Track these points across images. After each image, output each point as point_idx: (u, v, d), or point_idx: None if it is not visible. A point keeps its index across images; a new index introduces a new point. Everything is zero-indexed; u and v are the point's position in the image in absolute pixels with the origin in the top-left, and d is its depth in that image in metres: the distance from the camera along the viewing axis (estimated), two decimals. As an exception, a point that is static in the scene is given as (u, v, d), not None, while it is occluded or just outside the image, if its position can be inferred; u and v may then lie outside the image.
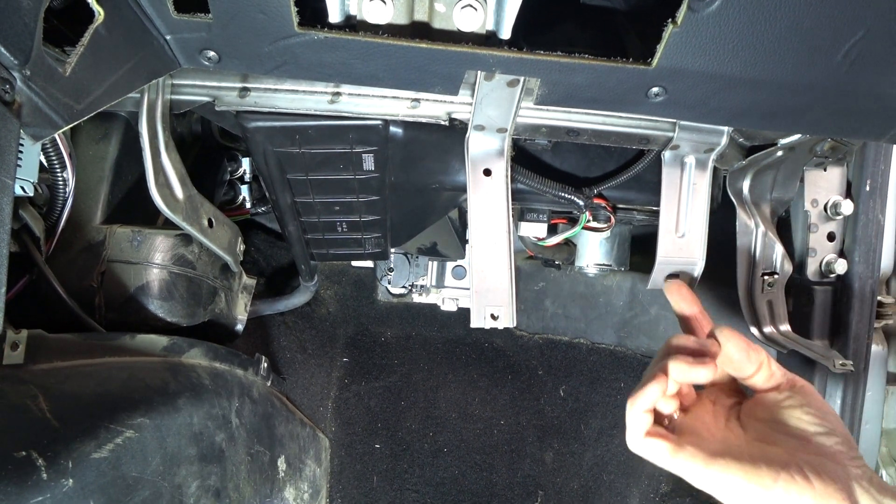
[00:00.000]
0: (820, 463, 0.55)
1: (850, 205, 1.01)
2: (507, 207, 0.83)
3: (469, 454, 1.43)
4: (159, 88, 0.75)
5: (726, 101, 0.64)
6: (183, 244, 0.89)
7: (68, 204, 0.82)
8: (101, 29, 0.52)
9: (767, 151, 0.88)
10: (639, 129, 0.83)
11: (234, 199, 1.22)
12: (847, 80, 0.59)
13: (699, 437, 0.62)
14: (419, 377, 1.49)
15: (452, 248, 1.28)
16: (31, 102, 0.50)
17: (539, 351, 1.54)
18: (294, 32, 0.56)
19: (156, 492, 0.70)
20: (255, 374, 1.04)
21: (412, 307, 1.55)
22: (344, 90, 0.78)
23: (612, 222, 1.00)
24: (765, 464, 0.56)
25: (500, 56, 0.58)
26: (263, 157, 0.84)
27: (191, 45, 0.60)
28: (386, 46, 0.58)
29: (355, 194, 0.92)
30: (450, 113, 0.80)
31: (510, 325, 0.82)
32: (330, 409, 1.42)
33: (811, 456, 0.56)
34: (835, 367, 0.91)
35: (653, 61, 0.57)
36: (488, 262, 0.82)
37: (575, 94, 0.66)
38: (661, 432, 0.62)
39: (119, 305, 0.85)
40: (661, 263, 0.88)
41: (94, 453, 0.63)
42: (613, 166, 0.96)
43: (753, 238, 0.98)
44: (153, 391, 0.76)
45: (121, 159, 0.92)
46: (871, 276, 1.03)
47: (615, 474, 1.44)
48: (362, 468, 1.39)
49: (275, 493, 1.03)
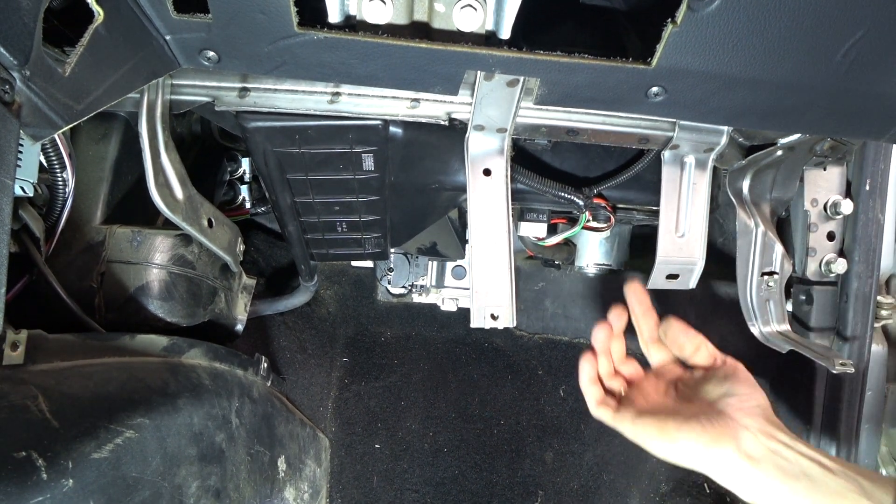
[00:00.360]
0: (717, 418, 0.72)
1: (850, 204, 1.01)
2: (506, 207, 0.83)
3: (469, 454, 1.43)
4: (159, 89, 0.75)
5: (726, 101, 0.64)
6: (183, 244, 0.89)
7: (68, 204, 0.81)
8: (100, 29, 0.52)
9: (767, 151, 0.88)
10: (638, 128, 0.83)
11: (234, 199, 1.22)
12: (846, 79, 0.59)
13: (636, 403, 0.82)
14: (419, 377, 1.49)
15: (452, 248, 1.28)
16: (30, 103, 0.50)
17: (539, 351, 1.54)
18: (294, 32, 0.56)
19: (156, 492, 0.70)
20: (255, 375, 1.04)
21: (412, 307, 1.55)
22: (344, 90, 0.78)
23: (612, 222, 1.00)
24: (673, 418, 0.74)
25: (499, 56, 0.58)
26: (263, 158, 0.84)
27: (190, 46, 0.60)
28: (385, 46, 0.58)
29: (355, 194, 0.92)
30: (449, 113, 0.80)
31: (510, 325, 0.82)
32: (330, 409, 1.42)
33: (712, 413, 0.73)
34: (835, 367, 0.91)
35: (652, 61, 0.57)
36: (488, 262, 0.82)
37: (574, 94, 0.66)
38: (607, 402, 0.85)
39: (119, 306, 0.85)
40: (661, 263, 0.88)
41: (94, 453, 0.63)
42: (613, 166, 0.96)
43: (753, 237, 0.98)
44: (153, 391, 0.76)
45: (120, 159, 0.92)
46: (871, 275, 1.03)
47: (615, 474, 1.44)
48: (362, 468, 1.39)
49: (275, 493, 1.03)
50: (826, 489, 0.66)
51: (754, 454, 0.69)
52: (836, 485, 0.66)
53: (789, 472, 0.68)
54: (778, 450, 0.70)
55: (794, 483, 0.67)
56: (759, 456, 0.69)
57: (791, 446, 0.70)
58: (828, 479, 0.66)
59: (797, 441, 0.70)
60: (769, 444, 0.70)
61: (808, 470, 0.67)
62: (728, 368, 0.79)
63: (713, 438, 0.71)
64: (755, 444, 0.70)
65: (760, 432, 0.71)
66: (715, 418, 0.72)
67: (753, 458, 0.69)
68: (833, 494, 0.65)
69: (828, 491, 0.66)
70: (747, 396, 0.74)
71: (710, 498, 1.37)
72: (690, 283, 0.93)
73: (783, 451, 0.69)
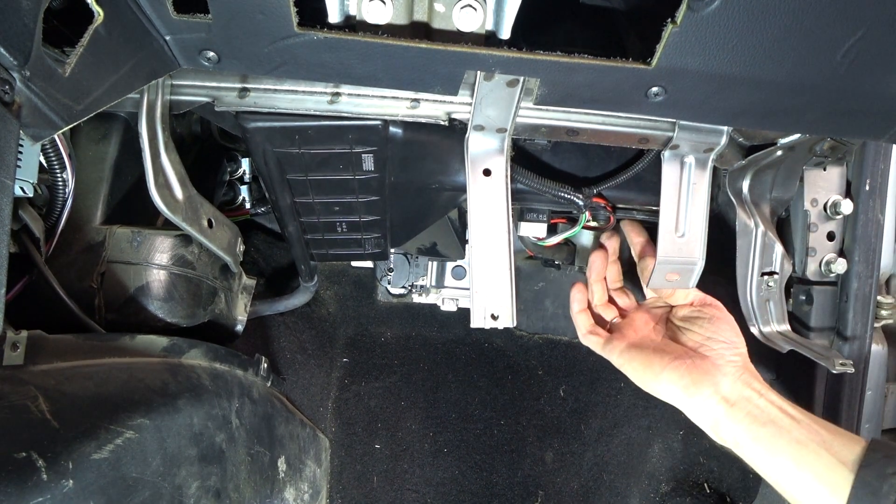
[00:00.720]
0: (700, 361, 0.79)
1: (850, 204, 1.01)
2: (506, 207, 0.83)
3: (469, 454, 1.43)
4: (159, 89, 0.75)
5: (726, 101, 0.64)
6: (183, 245, 0.89)
7: (68, 204, 0.81)
8: (100, 29, 0.52)
9: (767, 151, 0.88)
10: (638, 128, 0.83)
11: (234, 199, 1.22)
12: (847, 79, 0.59)
13: (626, 335, 0.88)
14: (419, 377, 1.49)
15: (452, 248, 1.28)
16: (30, 103, 0.50)
17: (539, 351, 1.54)
18: (293, 33, 0.56)
19: (156, 492, 0.70)
20: (255, 375, 1.04)
21: (412, 307, 1.55)
22: (343, 90, 0.78)
23: (612, 221, 1.00)
24: (659, 356, 0.81)
25: (499, 56, 0.58)
26: (263, 158, 0.84)
27: (190, 46, 0.60)
28: (385, 46, 0.58)
29: (355, 194, 0.92)
30: (449, 113, 0.80)
31: (510, 325, 0.82)
32: (330, 409, 1.42)
33: (696, 356, 0.80)
34: (835, 367, 0.91)
35: (652, 61, 0.57)
36: (488, 263, 0.82)
37: (574, 94, 0.66)
38: (597, 331, 0.90)
39: (119, 306, 0.85)
40: (662, 263, 0.88)
41: (94, 454, 0.63)
42: (613, 166, 0.96)
43: (753, 238, 0.98)
44: (153, 392, 0.76)
45: (120, 160, 0.92)
46: (871, 275, 1.03)
47: (615, 474, 1.44)
48: (362, 468, 1.39)
49: (275, 493, 1.03)
50: (789, 437, 0.71)
51: (730, 398, 0.75)
52: (800, 434, 0.70)
53: (758, 418, 0.73)
54: (751, 396, 0.75)
55: (761, 428, 0.72)
56: (734, 400, 0.75)
57: (763, 394, 0.75)
58: (792, 428, 0.71)
59: (769, 390, 0.76)
60: (744, 390, 0.76)
61: (775, 418, 0.73)
62: (712, 310, 0.85)
63: (694, 381, 0.77)
64: (732, 389, 0.76)
65: (738, 379, 0.76)
66: (699, 361, 0.79)
67: (729, 401, 0.75)
68: (795, 442, 0.70)
69: (790, 438, 0.70)
70: (729, 344, 0.80)
71: (710, 498, 1.37)
72: (690, 283, 0.93)
73: (755, 398, 0.75)
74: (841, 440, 0.69)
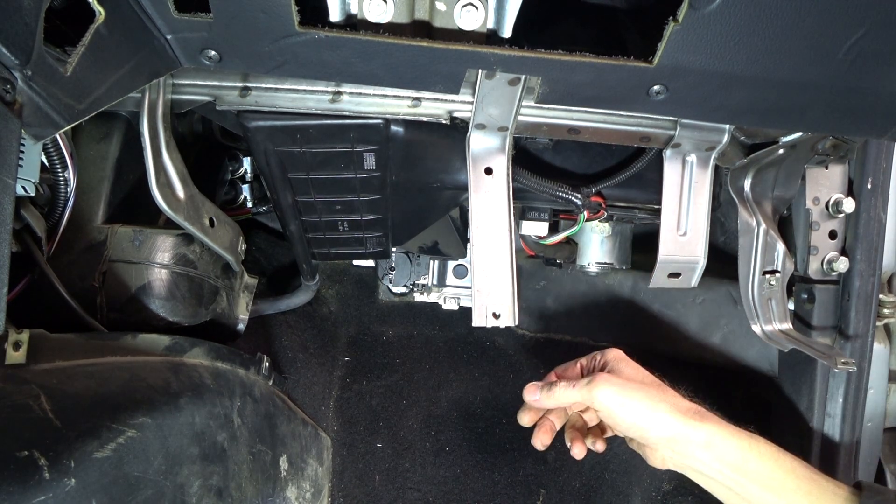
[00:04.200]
0: (640, 446, 0.86)
1: (852, 203, 1.01)
2: (508, 206, 0.83)
3: (471, 453, 1.43)
4: (160, 88, 0.75)
5: (728, 99, 0.64)
6: (184, 244, 0.89)
7: (70, 204, 0.82)
8: (101, 28, 0.52)
9: (769, 149, 0.88)
10: (640, 127, 0.83)
11: (236, 198, 1.22)
12: (849, 77, 0.59)
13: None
14: (421, 376, 1.49)
15: (454, 246, 1.28)
16: (32, 102, 0.50)
17: (541, 350, 1.54)
18: (295, 32, 0.56)
19: (158, 491, 0.70)
20: (256, 374, 1.04)
21: (414, 306, 1.55)
22: (345, 89, 0.78)
23: (602, 213, 0.99)
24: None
25: (501, 54, 0.58)
26: (264, 157, 0.84)
27: (192, 45, 0.60)
28: (387, 45, 0.58)
29: (356, 193, 0.92)
30: (451, 112, 0.80)
31: (512, 323, 0.82)
32: (332, 408, 1.42)
33: (632, 441, 0.88)
34: (836, 366, 0.91)
35: (654, 59, 0.57)
36: (490, 261, 0.82)
37: (576, 93, 0.66)
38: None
39: (121, 305, 0.85)
40: (663, 262, 0.88)
41: (96, 453, 0.63)
42: (614, 164, 0.96)
43: (755, 236, 0.98)
44: (155, 391, 0.76)
45: (122, 159, 0.92)
46: (873, 273, 1.03)
47: (617, 473, 1.44)
48: (364, 467, 1.39)
49: (277, 492, 1.03)
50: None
51: (683, 468, 0.83)
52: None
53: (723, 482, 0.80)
54: (696, 465, 0.80)
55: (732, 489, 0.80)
56: (690, 472, 0.83)
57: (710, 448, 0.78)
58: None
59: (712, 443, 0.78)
60: (687, 461, 0.81)
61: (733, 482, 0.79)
62: (603, 408, 0.82)
63: (649, 453, 0.85)
64: (679, 464, 0.82)
65: (675, 453, 0.80)
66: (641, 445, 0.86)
67: (685, 468, 0.83)
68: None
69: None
70: (642, 428, 0.80)
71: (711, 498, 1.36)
72: (692, 282, 0.93)
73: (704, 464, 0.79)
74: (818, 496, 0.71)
